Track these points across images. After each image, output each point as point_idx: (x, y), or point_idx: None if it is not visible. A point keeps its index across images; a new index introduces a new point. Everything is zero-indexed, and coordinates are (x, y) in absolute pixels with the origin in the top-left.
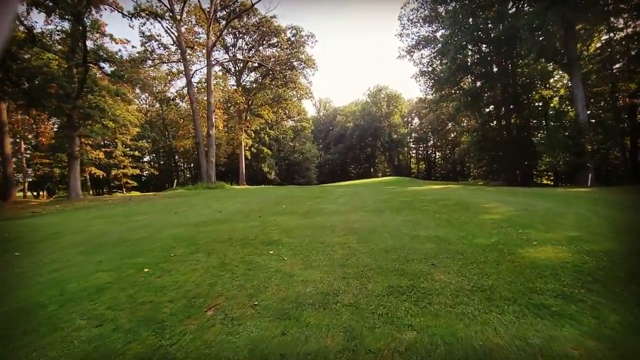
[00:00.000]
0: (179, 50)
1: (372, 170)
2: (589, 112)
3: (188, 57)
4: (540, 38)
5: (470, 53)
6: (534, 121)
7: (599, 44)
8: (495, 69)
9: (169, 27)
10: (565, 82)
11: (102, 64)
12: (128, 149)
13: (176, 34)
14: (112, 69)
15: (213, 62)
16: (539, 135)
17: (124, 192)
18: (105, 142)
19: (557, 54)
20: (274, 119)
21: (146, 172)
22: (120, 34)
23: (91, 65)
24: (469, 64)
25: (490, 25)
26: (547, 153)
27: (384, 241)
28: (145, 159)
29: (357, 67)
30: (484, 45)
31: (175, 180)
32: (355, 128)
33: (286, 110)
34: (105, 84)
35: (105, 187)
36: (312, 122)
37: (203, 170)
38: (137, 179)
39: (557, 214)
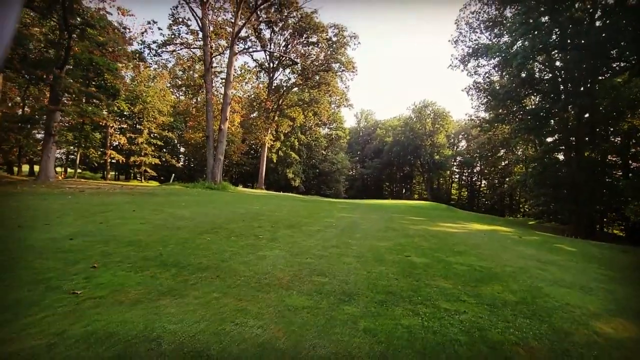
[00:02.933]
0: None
1: (404, 191)
2: None
3: (213, 43)
4: None
5: (539, 66)
6: (616, 158)
7: None
8: (570, 88)
9: (195, 7)
10: None
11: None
12: (154, 138)
13: (200, 15)
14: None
15: (237, 50)
16: (617, 175)
17: (142, 180)
18: (137, 126)
19: None
20: (304, 123)
21: (181, 163)
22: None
23: (77, 29)
24: (537, 79)
25: (570, 28)
26: (637, 199)
27: None
28: (182, 150)
29: (405, 80)
30: (557, 61)
31: (173, 175)
32: (394, 143)
33: (318, 115)
34: (98, 58)
35: (123, 173)
36: (350, 132)
37: (209, 167)
38: (167, 169)
39: None
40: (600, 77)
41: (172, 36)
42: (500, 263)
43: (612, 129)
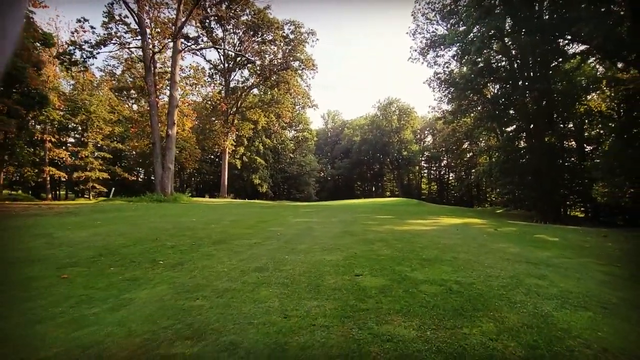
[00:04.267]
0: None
1: (374, 189)
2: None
3: (156, 42)
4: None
5: (496, 53)
6: (572, 142)
7: None
8: (526, 75)
9: (131, 2)
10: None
11: None
12: (101, 150)
13: (136, 10)
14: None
15: (182, 48)
16: (570, 159)
17: (91, 198)
18: (81, 139)
19: (624, 47)
20: (267, 125)
21: (141, 176)
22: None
23: None
24: (495, 66)
25: (522, 12)
26: (606, 180)
27: None
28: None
29: (372, 80)
30: (513, 49)
31: (113, 189)
32: (362, 142)
33: (280, 116)
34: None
35: (70, 191)
36: (317, 134)
37: (157, 177)
38: (123, 184)
39: None
40: (554, 63)
41: (108, 35)
42: (483, 273)
43: (566, 114)
